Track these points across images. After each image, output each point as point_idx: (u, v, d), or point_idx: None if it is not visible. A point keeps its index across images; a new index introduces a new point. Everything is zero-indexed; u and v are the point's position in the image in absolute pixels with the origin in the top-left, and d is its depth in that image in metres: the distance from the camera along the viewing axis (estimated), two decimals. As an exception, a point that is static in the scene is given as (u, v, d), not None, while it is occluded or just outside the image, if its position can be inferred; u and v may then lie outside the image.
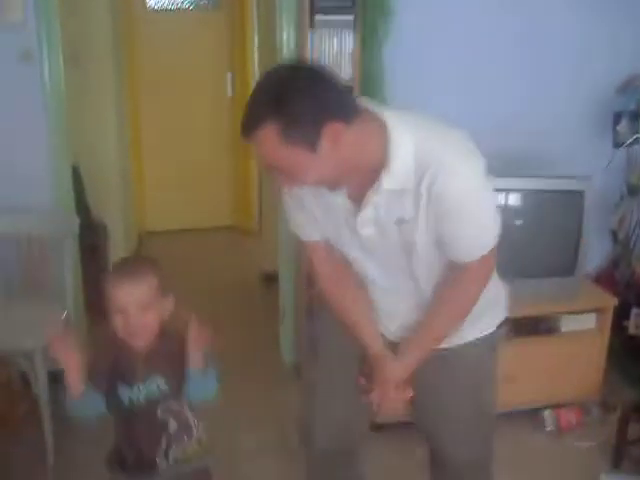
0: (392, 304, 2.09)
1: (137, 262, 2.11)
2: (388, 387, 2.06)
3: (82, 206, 4.43)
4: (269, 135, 1.63)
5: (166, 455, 2.08)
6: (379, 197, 1.79)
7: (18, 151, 3.57)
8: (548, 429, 3.42)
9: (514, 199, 3.36)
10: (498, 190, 3.18)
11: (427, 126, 1.82)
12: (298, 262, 3.74)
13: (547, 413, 3.44)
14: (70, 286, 3.38)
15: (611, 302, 3.50)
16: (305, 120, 1.63)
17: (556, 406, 3.45)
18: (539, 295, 3.32)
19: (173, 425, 2.07)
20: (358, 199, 1.83)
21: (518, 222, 3.35)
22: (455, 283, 1.93)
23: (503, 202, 3.28)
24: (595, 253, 4.00)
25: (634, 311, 3.85)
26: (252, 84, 5.02)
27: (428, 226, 1.80)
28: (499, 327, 2.17)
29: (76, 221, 3.35)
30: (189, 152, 6.70)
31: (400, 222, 1.82)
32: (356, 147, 1.72)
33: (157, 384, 2.02)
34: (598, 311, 3.50)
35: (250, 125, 1.65)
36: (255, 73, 6.16)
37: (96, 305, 2.10)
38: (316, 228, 2.02)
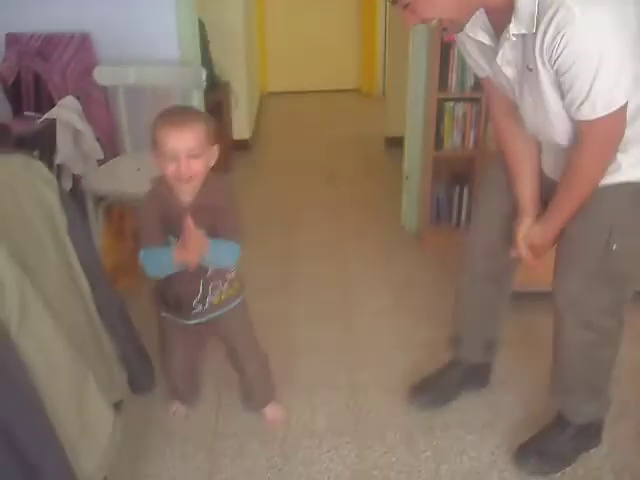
0: (544, 146, 2.15)
1: (187, 111, 2.12)
2: (528, 248, 2.19)
3: (206, 61, 4.41)
4: None
5: (203, 301, 2.23)
6: (510, 41, 1.81)
7: (146, 5, 3.55)
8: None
9: None
10: None
11: None
12: (426, 125, 3.63)
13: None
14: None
15: None
16: None
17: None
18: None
19: (210, 271, 2.19)
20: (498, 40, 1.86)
21: None
22: (575, 153, 1.91)
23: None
24: None
25: None
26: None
27: (549, 78, 1.79)
28: None
29: (202, 72, 3.31)
30: (314, 14, 6.55)
31: (530, 69, 1.82)
32: None
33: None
34: None
35: None
36: None
37: (219, 160, 2.13)
38: (480, 68, 2.11)
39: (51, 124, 2.90)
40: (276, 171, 5.10)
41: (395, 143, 4.75)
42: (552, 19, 1.66)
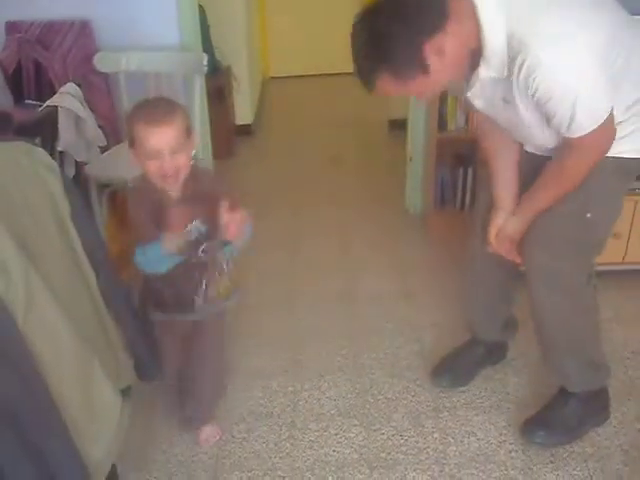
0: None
1: (164, 105, 2.01)
2: (504, 239, 2.25)
3: (207, 47, 4.39)
4: (385, 83, 1.81)
5: (203, 294, 2.18)
6: (480, 82, 1.91)
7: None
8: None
9: None
10: None
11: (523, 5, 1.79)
12: (429, 107, 3.61)
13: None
14: (199, 126, 3.39)
15: None
16: (409, 57, 1.74)
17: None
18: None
19: (210, 264, 2.14)
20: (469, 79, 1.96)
21: None
22: (562, 156, 1.97)
23: None
24: None
25: None
26: None
27: (528, 107, 1.89)
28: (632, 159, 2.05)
29: (204, 58, 3.30)
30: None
31: (505, 101, 1.93)
32: (460, 44, 1.79)
33: (197, 227, 2.05)
34: None
35: (367, 83, 1.84)
36: None
37: (221, 146, 2.11)
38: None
39: (52, 111, 2.89)
40: (279, 155, 5.09)
41: (398, 126, 4.72)
42: (522, 66, 1.77)
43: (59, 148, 2.90)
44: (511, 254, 2.28)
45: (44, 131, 2.81)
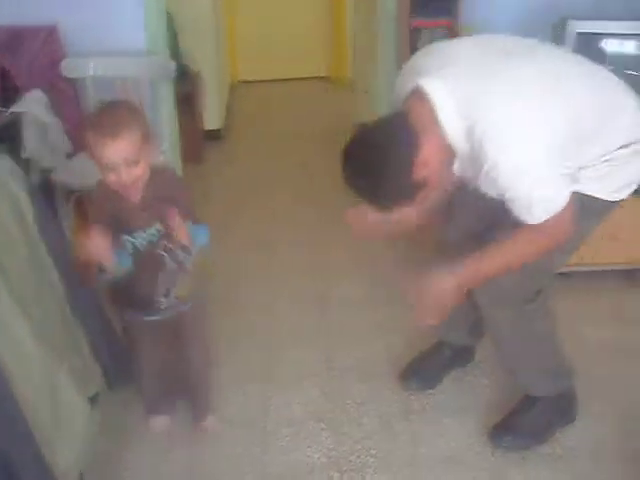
0: None
1: (119, 115, 1.93)
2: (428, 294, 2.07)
3: (175, 53, 4.38)
4: (397, 209, 1.99)
5: (167, 294, 2.17)
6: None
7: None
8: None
9: (628, 45, 3.16)
10: (613, 35, 3.10)
11: (478, 87, 1.83)
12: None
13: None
14: (167, 132, 3.38)
15: None
16: (404, 186, 1.87)
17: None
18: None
19: (170, 264, 2.12)
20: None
21: (633, 72, 3.13)
22: (517, 238, 1.95)
23: (617, 49, 3.15)
24: None
25: None
26: None
27: (488, 187, 1.91)
28: (610, 201, 2.06)
29: (172, 64, 3.30)
30: (284, 2, 6.53)
31: (467, 177, 2.00)
32: (437, 148, 1.86)
33: (156, 228, 2.04)
34: None
35: (383, 211, 2.03)
36: None
37: (191, 151, 2.11)
38: None
39: (17, 118, 2.87)
40: (248, 159, 5.08)
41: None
42: (483, 166, 1.82)
43: (24, 155, 2.87)
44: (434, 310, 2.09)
45: (9, 138, 2.78)
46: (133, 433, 2.46)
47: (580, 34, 3.07)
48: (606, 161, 1.97)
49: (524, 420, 2.39)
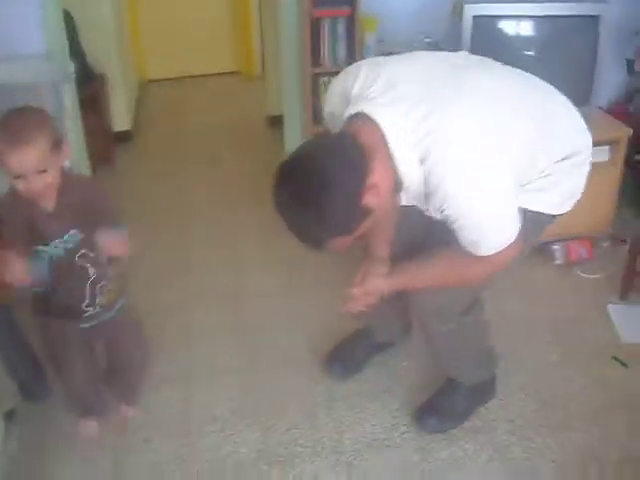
0: None
1: (26, 122, 1.88)
2: (363, 291, 2.15)
3: (77, 53, 4.28)
4: (338, 243, 1.72)
5: (93, 302, 2.16)
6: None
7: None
8: (557, 262, 3.42)
9: (524, 27, 3.24)
10: (509, 17, 3.17)
11: (430, 115, 1.72)
12: (303, 102, 3.65)
13: (557, 246, 3.43)
14: (71, 135, 3.30)
15: (625, 133, 3.40)
16: (351, 215, 1.68)
17: (566, 240, 3.44)
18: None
19: (92, 271, 2.11)
20: None
21: (528, 52, 3.23)
22: (462, 260, 1.88)
23: (513, 31, 3.21)
24: (609, 85, 3.85)
25: (648, 144, 3.77)
26: None
27: (436, 215, 1.83)
28: (547, 215, 2.06)
29: (71, 65, 3.22)
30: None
31: (420, 209, 1.91)
32: (386, 175, 1.73)
33: (73, 236, 2.02)
34: (612, 143, 3.41)
35: (314, 248, 1.73)
36: None
37: (100, 153, 2.08)
38: None
39: None
40: (160, 160, 4.99)
41: (277, 122, 4.74)
42: (432, 196, 1.75)
43: None
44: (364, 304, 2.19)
45: None
46: (56, 445, 2.41)
47: (476, 17, 3.12)
48: (548, 175, 1.95)
49: (448, 403, 2.45)
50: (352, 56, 3.47)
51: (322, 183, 1.61)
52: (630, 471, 2.27)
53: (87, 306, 2.16)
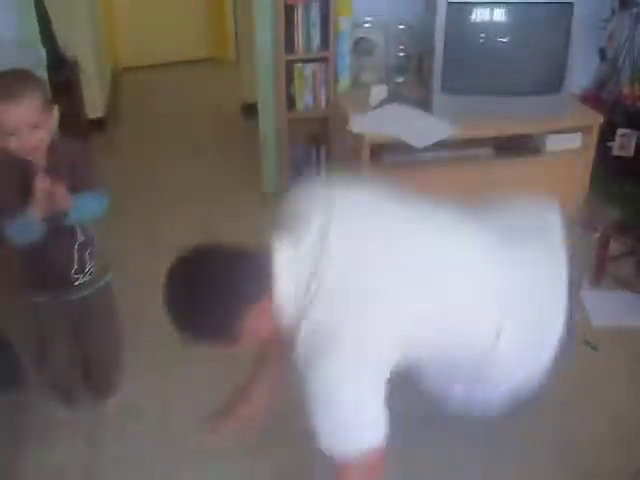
0: None
1: (18, 80, 1.94)
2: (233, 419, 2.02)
3: (49, 40, 4.23)
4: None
5: (81, 269, 2.18)
6: None
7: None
8: (530, 248, 3.44)
9: (498, 14, 3.23)
10: (483, 3, 3.18)
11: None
12: (277, 89, 3.64)
13: (529, 233, 3.45)
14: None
15: (597, 120, 3.43)
16: (225, 325, 1.57)
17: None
18: (525, 113, 3.25)
19: (80, 235, 2.15)
20: None
21: (502, 39, 3.24)
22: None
23: (487, 18, 3.21)
24: (582, 73, 3.88)
25: (619, 131, 3.81)
26: None
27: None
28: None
29: (42, 51, 3.19)
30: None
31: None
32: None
33: None
34: (584, 130, 3.44)
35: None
36: None
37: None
38: None
39: None
40: (134, 149, 4.95)
41: (252, 109, 4.72)
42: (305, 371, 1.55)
43: None
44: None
45: None
46: (31, 435, 2.41)
47: (451, 4, 3.14)
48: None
49: None
50: (326, 43, 3.46)
51: (215, 282, 1.54)
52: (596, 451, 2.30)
53: (76, 273, 2.17)
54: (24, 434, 2.41)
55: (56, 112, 2.01)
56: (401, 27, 3.61)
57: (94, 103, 5.18)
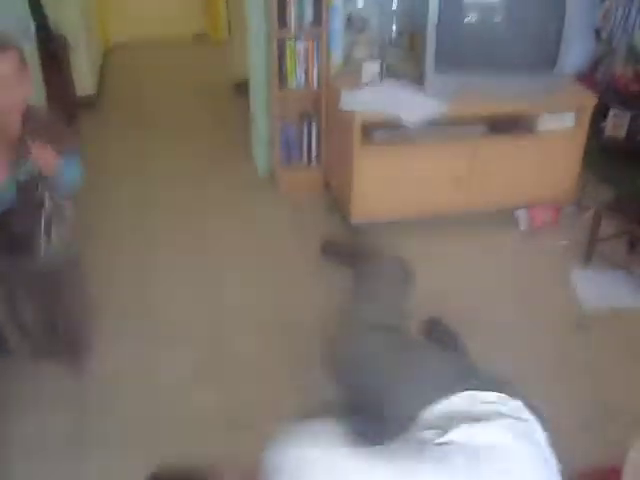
0: None
1: None
2: None
3: (38, 16, 4.18)
4: None
5: (47, 237, 2.16)
6: None
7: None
8: (522, 228, 3.44)
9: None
10: None
11: None
12: (269, 66, 3.60)
13: (521, 212, 3.45)
14: (33, 99, 3.23)
15: (591, 100, 3.41)
16: None
17: (531, 206, 3.45)
18: (518, 92, 3.22)
19: (49, 204, 2.13)
20: None
21: (497, 18, 3.21)
22: None
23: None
24: (576, 53, 3.85)
25: (612, 112, 3.80)
26: None
27: None
28: None
29: (32, 24, 3.15)
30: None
31: None
32: None
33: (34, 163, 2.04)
34: (577, 110, 3.42)
35: None
36: None
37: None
38: None
39: None
40: (125, 126, 4.91)
41: (244, 87, 4.67)
42: None
43: None
44: None
45: None
46: (13, 400, 2.41)
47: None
48: None
49: None
50: (319, 19, 3.42)
51: None
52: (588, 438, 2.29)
53: (43, 240, 2.16)
54: (9, 402, 2.40)
55: (31, 75, 2.03)
56: (394, 3, 3.57)
57: (84, 80, 5.13)
